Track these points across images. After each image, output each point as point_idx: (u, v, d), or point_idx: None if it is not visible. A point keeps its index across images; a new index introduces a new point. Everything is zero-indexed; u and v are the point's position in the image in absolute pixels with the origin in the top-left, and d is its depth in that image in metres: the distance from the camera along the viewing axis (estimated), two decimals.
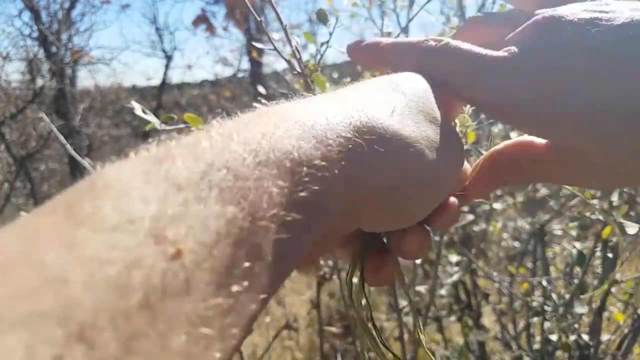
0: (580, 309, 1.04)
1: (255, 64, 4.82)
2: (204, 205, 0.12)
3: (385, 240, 0.23)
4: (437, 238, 0.91)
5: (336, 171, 0.16)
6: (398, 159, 0.18)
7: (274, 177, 0.14)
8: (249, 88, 5.19)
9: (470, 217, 0.98)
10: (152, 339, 0.10)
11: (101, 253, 0.10)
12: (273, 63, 4.33)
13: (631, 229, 1.14)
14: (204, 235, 0.12)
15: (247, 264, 0.12)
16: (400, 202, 0.19)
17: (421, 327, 0.25)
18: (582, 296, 1.03)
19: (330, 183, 0.16)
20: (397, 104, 0.19)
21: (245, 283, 0.12)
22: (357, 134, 0.17)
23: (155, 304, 0.10)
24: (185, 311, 0.11)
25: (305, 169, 0.15)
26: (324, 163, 0.15)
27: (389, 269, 0.23)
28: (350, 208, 0.17)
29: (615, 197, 1.04)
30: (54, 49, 4.02)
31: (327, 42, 0.80)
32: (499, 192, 1.26)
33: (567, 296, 1.08)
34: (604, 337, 1.19)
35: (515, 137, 0.25)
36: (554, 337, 1.07)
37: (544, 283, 1.06)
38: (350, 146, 0.16)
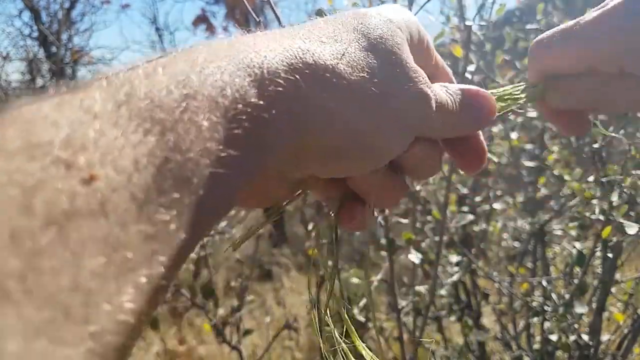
0: (580, 309, 1.04)
1: None
2: (121, 133, 0.12)
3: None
4: (436, 238, 0.91)
5: (273, 111, 0.15)
6: (341, 101, 0.17)
7: (204, 111, 0.14)
8: None
9: (471, 217, 0.98)
10: (60, 257, 0.10)
11: (1, 176, 0.10)
12: None
13: (631, 229, 1.14)
14: (121, 162, 0.12)
15: (174, 195, 0.12)
16: (346, 145, 0.18)
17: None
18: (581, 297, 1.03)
19: (267, 122, 0.15)
20: (350, 47, 0.18)
21: (173, 212, 0.12)
22: (297, 74, 0.16)
23: (64, 223, 0.10)
24: (101, 233, 0.11)
25: (240, 106, 0.15)
26: (260, 102, 0.15)
27: (360, 216, 0.23)
28: (292, 150, 0.17)
29: (615, 197, 1.04)
30: (54, 49, 4.02)
31: None
32: (499, 193, 1.26)
33: (567, 296, 1.08)
34: (604, 337, 1.19)
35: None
36: (553, 337, 1.07)
37: (544, 283, 1.06)
38: (289, 86, 0.16)
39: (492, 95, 0.24)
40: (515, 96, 0.25)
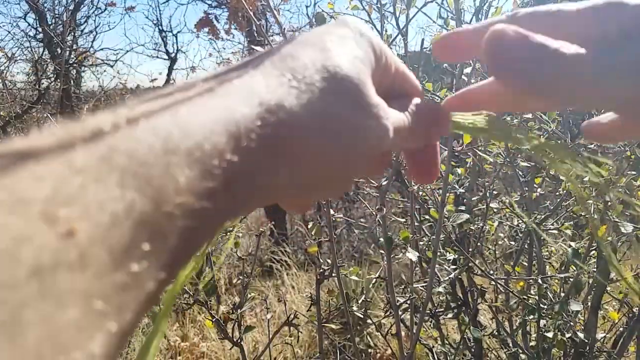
0: (575, 307, 1.06)
1: None
2: (103, 188, 0.13)
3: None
4: (433, 236, 0.93)
5: (247, 166, 0.17)
6: (310, 150, 0.19)
7: (183, 166, 0.14)
8: None
9: (466, 216, 1.00)
10: (43, 309, 0.11)
11: None
12: None
13: (626, 228, 1.15)
14: (100, 216, 0.12)
15: (147, 247, 0.13)
16: (314, 187, 0.20)
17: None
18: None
19: (240, 177, 0.16)
20: (317, 91, 0.19)
21: (145, 264, 0.13)
22: (270, 130, 0.17)
23: (46, 277, 0.11)
24: (80, 286, 0.11)
25: (216, 161, 0.15)
26: (235, 158, 0.16)
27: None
28: (265, 197, 0.19)
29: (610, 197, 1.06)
30: (58, 51, 4.05)
31: None
32: (495, 192, 1.27)
33: (563, 294, 1.10)
34: (599, 335, 1.20)
35: None
36: (549, 335, 1.09)
37: (540, 281, 1.07)
38: (262, 141, 0.17)
39: (454, 117, 0.26)
40: (479, 126, 0.26)
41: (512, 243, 1.41)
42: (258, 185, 0.18)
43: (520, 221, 1.19)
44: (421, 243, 1.13)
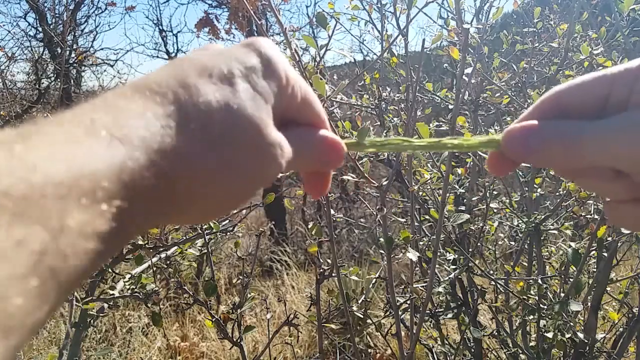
0: (575, 307, 1.06)
1: None
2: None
3: None
4: (433, 236, 0.93)
5: (136, 209, 0.18)
6: (201, 185, 0.20)
7: (73, 209, 0.15)
8: None
9: (466, 216, 1.00)
10: None
11: None
12: None
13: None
14: None
15: (35, 283, 0.14)
16: (203, 215, 0.22)
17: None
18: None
19: (128, 218, 0.17)
20: (215, 128, 0.20)
21: (30, 297, 0.14)
22: (160, 168, 0.18)
23: None
24: None
25: (105, 206, 0.16)
26: (125, 204, 0.17)
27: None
28: (151, 225, 0.20)
29: None
30: (59, 50, 4.05)
31: (327, 45, 0.83)
32: (495, 192, 1.27)
33: (563, 294, 1.10)
34: (599, 335, 1.21)
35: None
36: (549, 335, 1.09)
37: (540, 281, 1.07)
38: (151, 180, 0.18)
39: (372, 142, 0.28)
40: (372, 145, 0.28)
41: (512, 243, 1.41)
42: (148, 221, 0.19)
43: (520, 221, 1.19)
44: (421, 243, 1.13)
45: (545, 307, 1.07)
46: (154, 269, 1.10)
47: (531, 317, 1.10)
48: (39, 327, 0.15)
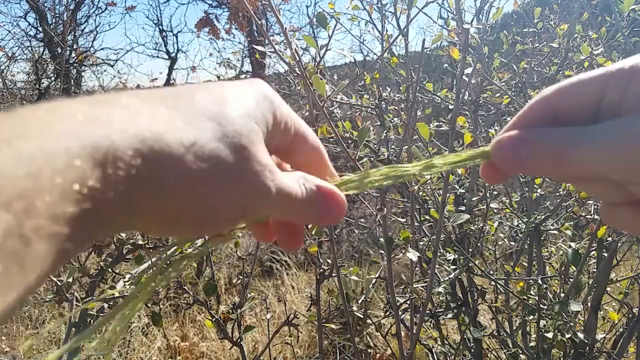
0: (575, 307, 1.06)
1: (257, 66, 4.84)
2: None
3: None
4: (433, 236, 0.93)
5: (111, 194, 0.17)
6: (179, 188, 0.19)
7: (43, 192, 0.15)
8: None
9: (466, 216, 1.00)
10: None
11: None
12: (275, 65, 4.35)
13: None
14: None
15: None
16: (178, 223, 0.20)
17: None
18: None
19: (103, 203, 0.17)
20: (203, 136, 0.20)
21: None
22: (142, 160, 0.18)
23: None
24: None
25: (77, 187, 0.16)
26: (98, 185, 0.17)
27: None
28: (126, 224, 0.19)
29: None
30: (59, 50, 4.05)
31: (327, 45, 0.83)
32: (495, 192, 1.27)
33: (563, 295, 1.10)
34: (599, 335, 1.21)
35: None
36: (549, 335, 1.09)
37: (540, 282, 1.07)
38: (131, 170, 0.17)
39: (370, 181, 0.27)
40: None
41: (512, 243, 1.41)
42: (122, 212, 0.18)
43: (520, 221, 1.19)
44: (421, 243, 1.13)
45: (545, 307, 1.07)
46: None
47: (531, 317, 1.10)
48: (5, 316, 0.15)
